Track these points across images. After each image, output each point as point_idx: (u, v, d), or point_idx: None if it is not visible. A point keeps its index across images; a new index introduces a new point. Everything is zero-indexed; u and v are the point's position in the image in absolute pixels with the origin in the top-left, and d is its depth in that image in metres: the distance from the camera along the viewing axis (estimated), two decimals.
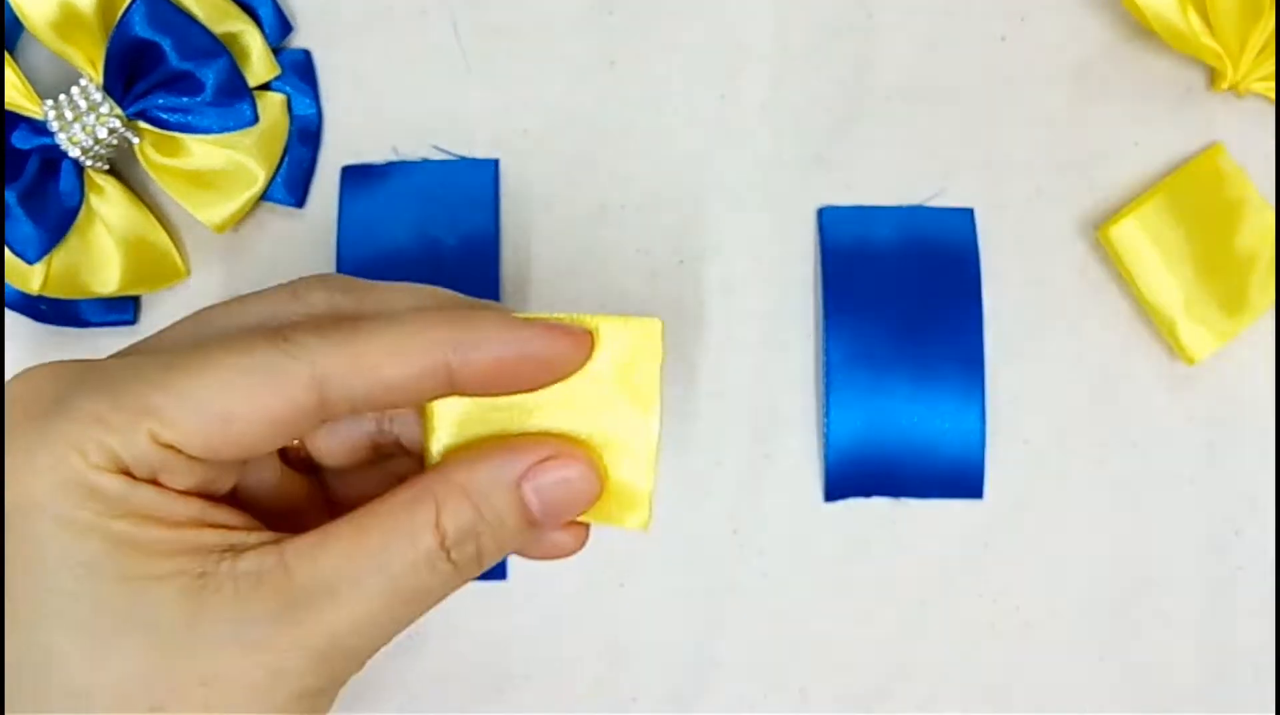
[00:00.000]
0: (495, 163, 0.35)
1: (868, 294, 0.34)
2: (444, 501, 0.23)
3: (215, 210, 0.33)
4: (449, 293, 0.26)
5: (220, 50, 0.33)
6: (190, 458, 0.22)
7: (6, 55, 0.33)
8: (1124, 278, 0.35)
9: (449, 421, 0.25)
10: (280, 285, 0.25)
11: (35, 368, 0.23)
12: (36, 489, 0.21)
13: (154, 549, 0.21)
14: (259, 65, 0.34)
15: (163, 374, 0.22)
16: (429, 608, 0.23)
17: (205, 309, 0.25)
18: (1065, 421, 0.35)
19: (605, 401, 0.24)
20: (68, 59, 0.33)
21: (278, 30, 0.34)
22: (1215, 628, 0.34)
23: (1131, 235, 0.34)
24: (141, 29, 0.32)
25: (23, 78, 0.32)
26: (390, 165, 0.35)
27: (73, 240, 0.33)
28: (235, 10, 0.34)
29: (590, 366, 0.24)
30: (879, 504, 0.35)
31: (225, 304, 0.25)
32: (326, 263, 0.35)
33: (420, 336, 0.22)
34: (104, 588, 0.21)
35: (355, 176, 0.35)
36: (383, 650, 0.30)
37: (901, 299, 0.34)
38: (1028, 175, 0.35)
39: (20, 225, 0.32)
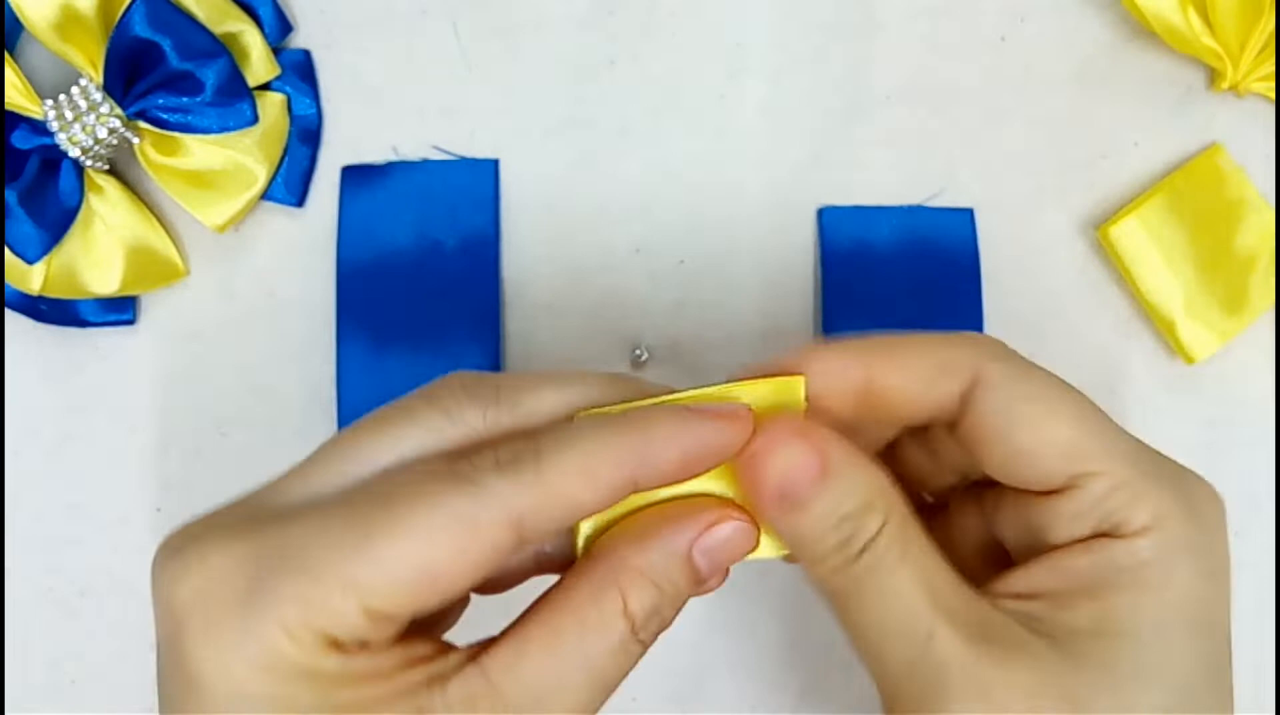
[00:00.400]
0: (495, 163, 0.35)
1: (867, 294, 0.34)
2: (628, 589, 0.23)
3: (215, 210, 0.33)
4: (597, 375, 0.25)
5: (220, 50, 0.33)
6: (396, 617, 0.22)
7: (6, 55, 0.33)
8: (1124, 277, 0.35)
9: None
10: (420, 397, 0.24)
11: (210, 552, 0.22)
12: (249, 681, 0.21)
13: (374, 705, 0.22)
14: (259, 65, 0.34)
15: (359, 542, 0.21)
16: (621, 683, 0.24)
17: (348, 437, 0.24)
18: None
19: None
20: (68, 59, 0.33)
21: (278, 30, 0.34)
22: None
23: (1131, 235, 0.34)
24: (141, 29, 0.32)
25: (23, 78, 0.33)
26: (390, 165, 0.35)
27: (73, 240, 0.33)
28: (235, 10, 0.34)
29: None
30: None
31: (370, 429, 0.24)
32: (327, 262, 0.35)
33: (604, 456, 0.23)
34: None
35: (355, 176, 0.35)
36: None
37: (901, 299, 0.34)
38: (1027, 175, 0.35)
39: (20, 225, 0.32)
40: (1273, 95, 0.35)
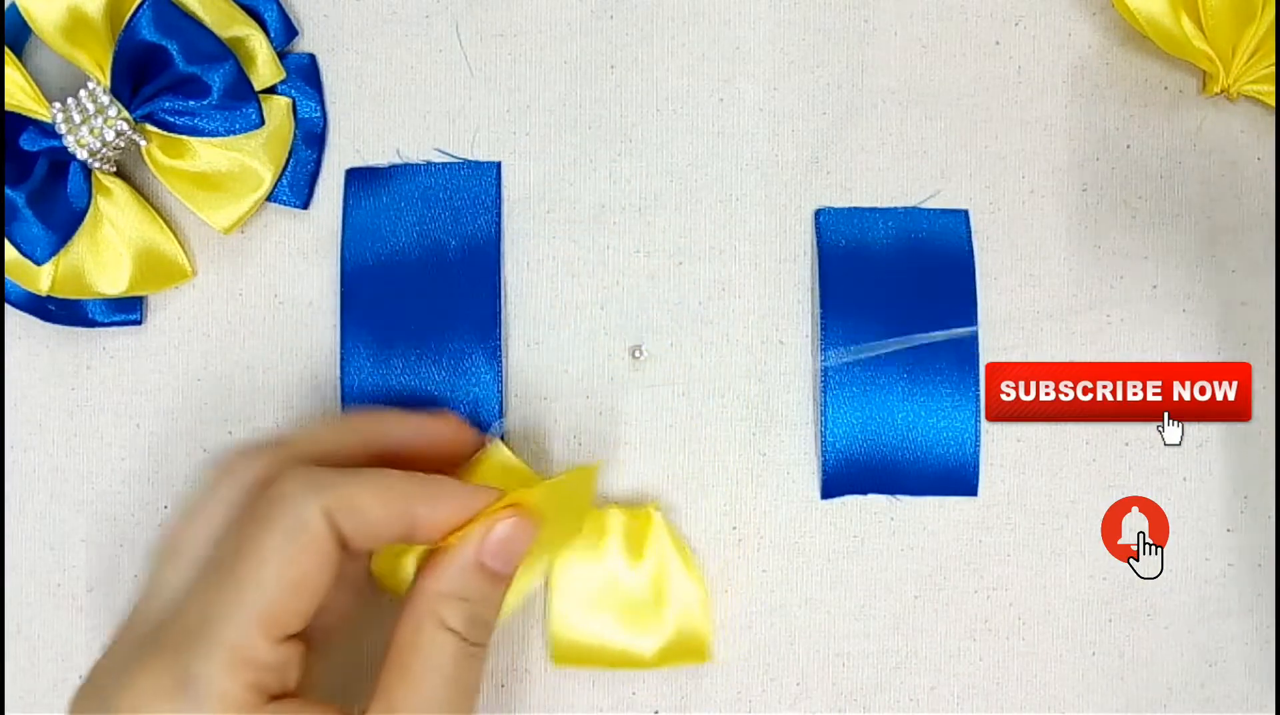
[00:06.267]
0: (497, 165, 0.35)
1: (864, 294, 0.35)
2: (440, 610, 0.27)
3: (221, 212, 0.34)
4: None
5: (226, 54, 0.33)
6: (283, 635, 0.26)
7: (14, 58, 0.33)
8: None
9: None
10: (211, 473, 0.29)
11: (134, 677, 0.25)
12: None
13: None
14: (264, 69, 0.34)
15: (221, 617, 0.25)
16: (481, 677, 0.28)
17: (169, 541, 0.28)
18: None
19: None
20: (75, 63, 0.33)
21: (283, 35, 0.35)
22: (1207, 624, 0.35)
23: None
24: (149, 33, 0.32)
25: (30, 80, 0.33)
26: (393, 168, 0.35)
27: (81, 241, 0.33)
28: (241, 15, 0.34)
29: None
30: (875, 501, 0.35)
31: (183, 523, 0.29)
32: (331, 264, 0.35)
33: (395, 486, 0.27)
34: None
35: (359, 179, 0.35)
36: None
37: (897, 299, 0.35)
38: (1021, 177, 0.36)
39: (29, 227, 0.33)
40: (1264, 98, 0.35)
